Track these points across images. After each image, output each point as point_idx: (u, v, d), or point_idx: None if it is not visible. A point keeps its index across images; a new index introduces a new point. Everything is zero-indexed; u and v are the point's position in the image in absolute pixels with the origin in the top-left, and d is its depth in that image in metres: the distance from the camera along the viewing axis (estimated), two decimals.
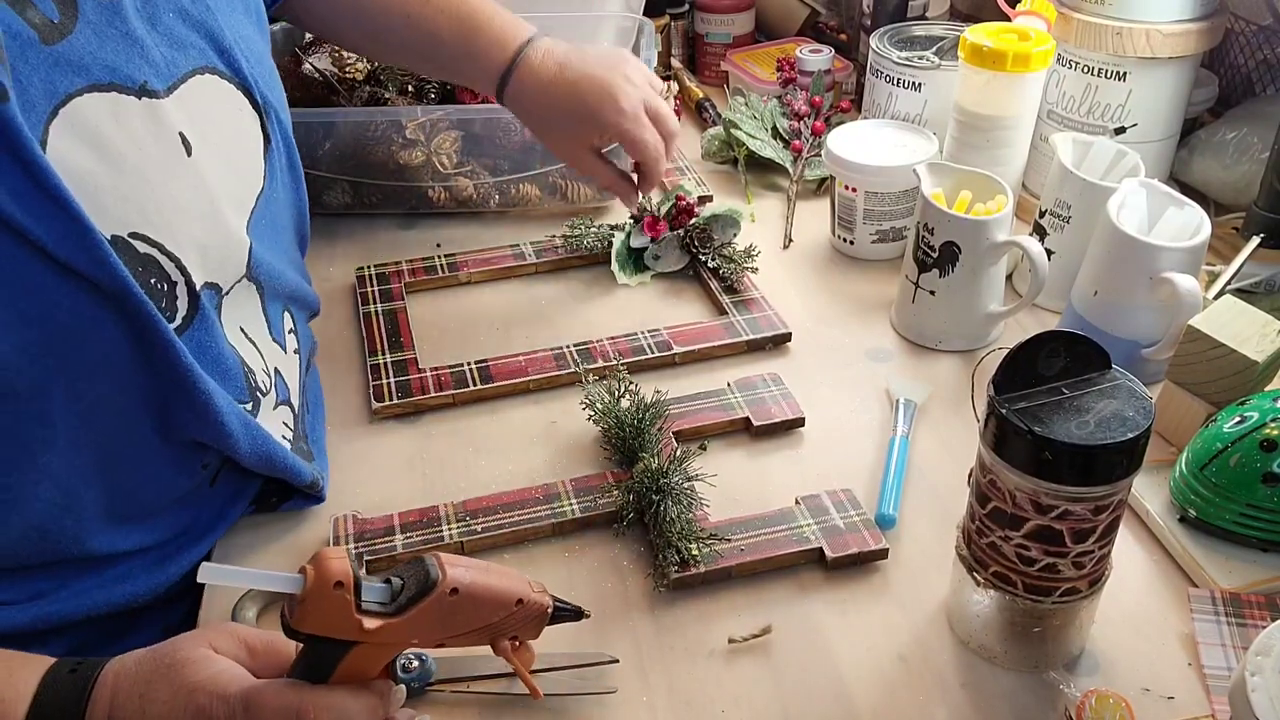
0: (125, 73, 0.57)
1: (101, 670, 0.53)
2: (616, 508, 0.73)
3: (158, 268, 0.59)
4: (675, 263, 1.01)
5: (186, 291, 0.61)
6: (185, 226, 0.61)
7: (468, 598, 0.53)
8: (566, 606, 0.58)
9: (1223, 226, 0.98)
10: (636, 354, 0.89)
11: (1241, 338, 0.74)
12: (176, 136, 0.61)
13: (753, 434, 0.82)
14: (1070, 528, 0.56)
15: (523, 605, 0.55)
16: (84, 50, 0.55)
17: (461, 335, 0.94)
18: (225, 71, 0.66)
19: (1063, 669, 0.63)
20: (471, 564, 0.54)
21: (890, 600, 0.68)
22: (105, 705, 0.52)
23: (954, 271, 0.86)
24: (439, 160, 1.07)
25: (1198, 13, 0.93)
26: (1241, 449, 0.67)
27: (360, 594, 0.51)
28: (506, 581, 0.55)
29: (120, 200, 0.56)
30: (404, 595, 0.52)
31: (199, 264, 0.62)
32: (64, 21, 0.55)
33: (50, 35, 0.54)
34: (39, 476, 0.58)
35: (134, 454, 0.63)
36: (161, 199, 0.59)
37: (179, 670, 0.52)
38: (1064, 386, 0.56)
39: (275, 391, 0.73)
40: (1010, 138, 0.96)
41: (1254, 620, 0.64)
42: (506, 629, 0.56)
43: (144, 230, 0.58)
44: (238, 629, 0.56)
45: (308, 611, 0.50)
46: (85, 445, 0.60)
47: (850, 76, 1.31)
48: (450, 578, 0.52)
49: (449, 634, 0.54)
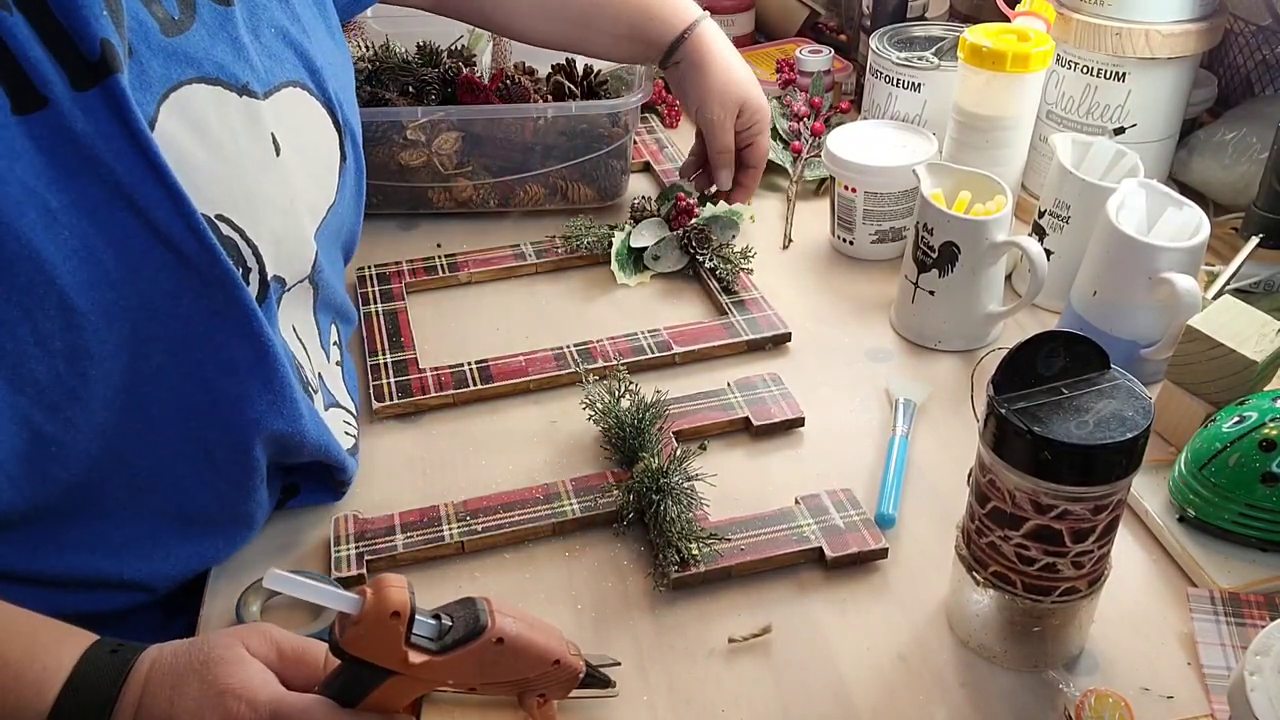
0: (231, 71, 0.63)
1: (139, 656, 0.54)
2: (616, 508, 0.73)
3: (236, 251, 0.62)
4: (675, 263, 1.01)
5: (259, 279, 0.64)
6: (266, 218, 0.64)
7: (511, 650, 0.54)
8: (596, 675, 0.59)
9: (1222, 227, 0.98)
10: (636, 354, 0.89)
11: (1240, 338, 0.74)
12: (269, 136, 0.65)
13: (753, 434, 0.82)
14: (1069, 527, 0.56)
15: (558, 666, 0.56)
16: (198, 46, 0.61)
17: (462, 335, 0.94)
18: (313, 89, 0.71)
19: (1062, 668, 0.63)
20: (519, 615, 0.55)
21: (890, 600, 0.68)
22: (137, 692, 0.53)
23: (953, 272, 0.87)
24: (439, 161, 1.07)
25: (1197, 13, 0.94)
26: (1241, 449, 0.67)
27: (411, 627, 0.51)
28: (548, 640, 0.56)
29: (213, 182, 0.60)
30: (451, 635, 0.53)
31: (272, 256, 0.65)
32: (183, 19, 0.61)
33: (170, 29, 0.60)
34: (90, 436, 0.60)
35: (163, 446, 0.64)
36: (250, 188, 0.63)
37: (211, 669, 0.53)
38: (1063, 386, 0.56)
39: (322, 395, 0.75)
40: (1009, 138, 0.96)
41: (1253, 620, 0.64)
42: (538, 686, 0.56)
43: (230, 215, 0.61)
44: (271, 631, 0.56)
45: (359, 635, 0.50)
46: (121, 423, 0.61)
47: (850, 77, 1.31)
48: (498, 626, 0.53)
49: (484, 680, 0.54)
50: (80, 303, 0.55)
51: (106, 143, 0.54)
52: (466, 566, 0.71)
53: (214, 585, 0.71)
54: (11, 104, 0.52)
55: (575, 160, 1.09)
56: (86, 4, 0.53)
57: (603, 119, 1.07)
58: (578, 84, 1.14)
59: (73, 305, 0.55)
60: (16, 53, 0.51)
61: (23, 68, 0.52)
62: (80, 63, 0.53)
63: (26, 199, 0.52)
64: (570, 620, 0.67)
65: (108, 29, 0.54)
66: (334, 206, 0.75)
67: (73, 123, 0.53)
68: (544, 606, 0.68)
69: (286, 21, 0.70)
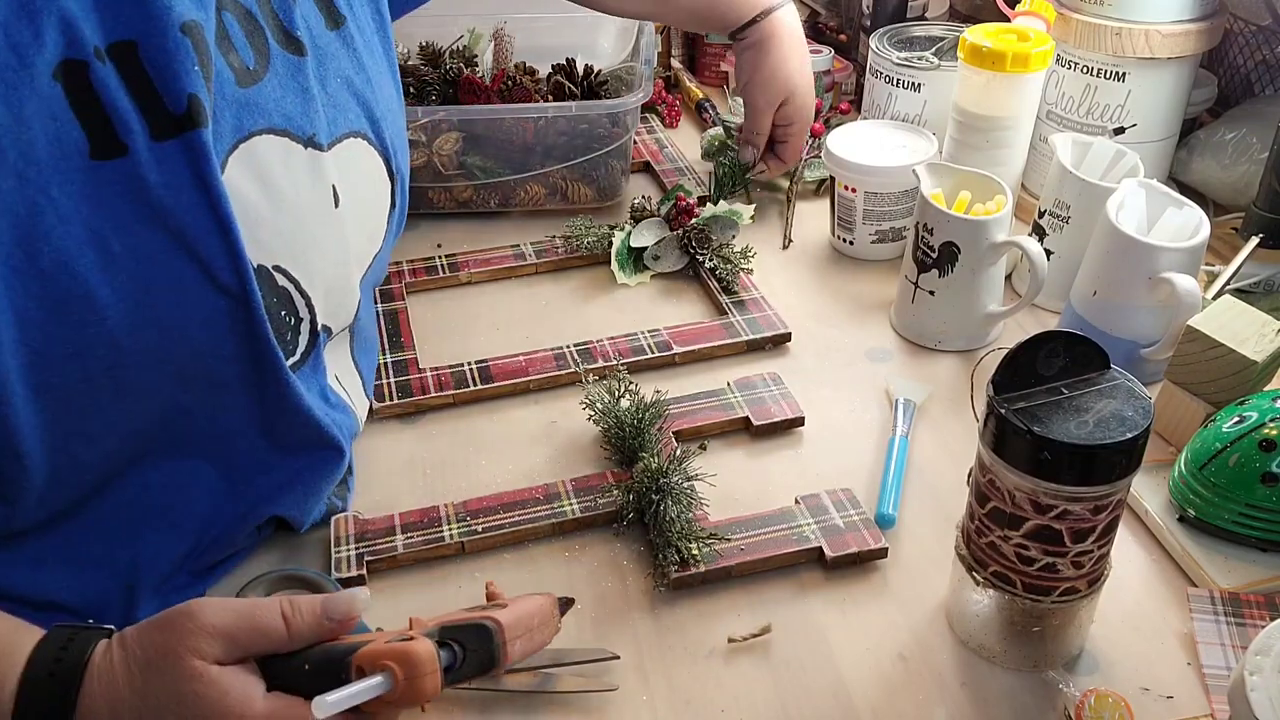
0: (299, 124, 0.63)
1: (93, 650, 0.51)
2: (616, 508, 0.73)
3: (289, 302, 0.63)
4: (675, 263, 1.01)
5: (309, 329, 0.66)
6: (321, 269, 0.65)
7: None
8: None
9: (1222, 227, 0.98)
10: (636, 354, 0.89)
11: (1240, 338, 0.74)
12: (329, 188, 0.65)
13: (752, 434, 0.82)
14: (1069, 527, 0.56)
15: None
16: (269, 97, 0.61)
17: (462, 335, 0.94)
18: (373, 139, 0.71)
19: (1062, 668, 0.63)
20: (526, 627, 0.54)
21: (890, 600, 0.68)
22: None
23: (953, 271, 0.87)
24: (440, 161, 1.07)
25: (1197, 13, 0.94)
26: (1240, 449, 0.67)
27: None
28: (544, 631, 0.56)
29: (275, 234, 0.61)
30: (464, 670, 0.52)
31: (322, 306, 0.66)
32: (257, 70, 0.61)
33: (245, 79, 0.60)
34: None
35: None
36: (307, 240, 0.64)
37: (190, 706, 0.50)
38: (1063, 386, 0.56)
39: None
40: (1009, 138, 0.96)
41: (1253, 620, 0.64)
42: None
43: (286, 266, 0.62)
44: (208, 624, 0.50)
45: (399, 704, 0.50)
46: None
47: (850, 77, 1.31)
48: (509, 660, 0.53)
49: None
50: (128, 343, 0.55)
51: (178, 194, 0.55)
52: (466, 567, 0.71)
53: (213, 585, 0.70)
54: (91, 149, 0.52)
55: (575, 160, 1.09)
56: (180, 60, 0.54)
57: (603, 119, 1.07)
58: (578, 84, 1.14)
59: (120, 345, 0.55)
60: (105, 102, 0.52)
61: (108, 116, 0.52)
62: (164, 115, 0.54)
63: (89, 241, 0.53)
64: (570, 620, 0.67)
65: (197, 84, 0.55)
66: (380, 253, 0.76)
67: (148, 172, 0.54)
68: None
69: (352, 71, 0.70)
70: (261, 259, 0.60)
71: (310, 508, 0.71)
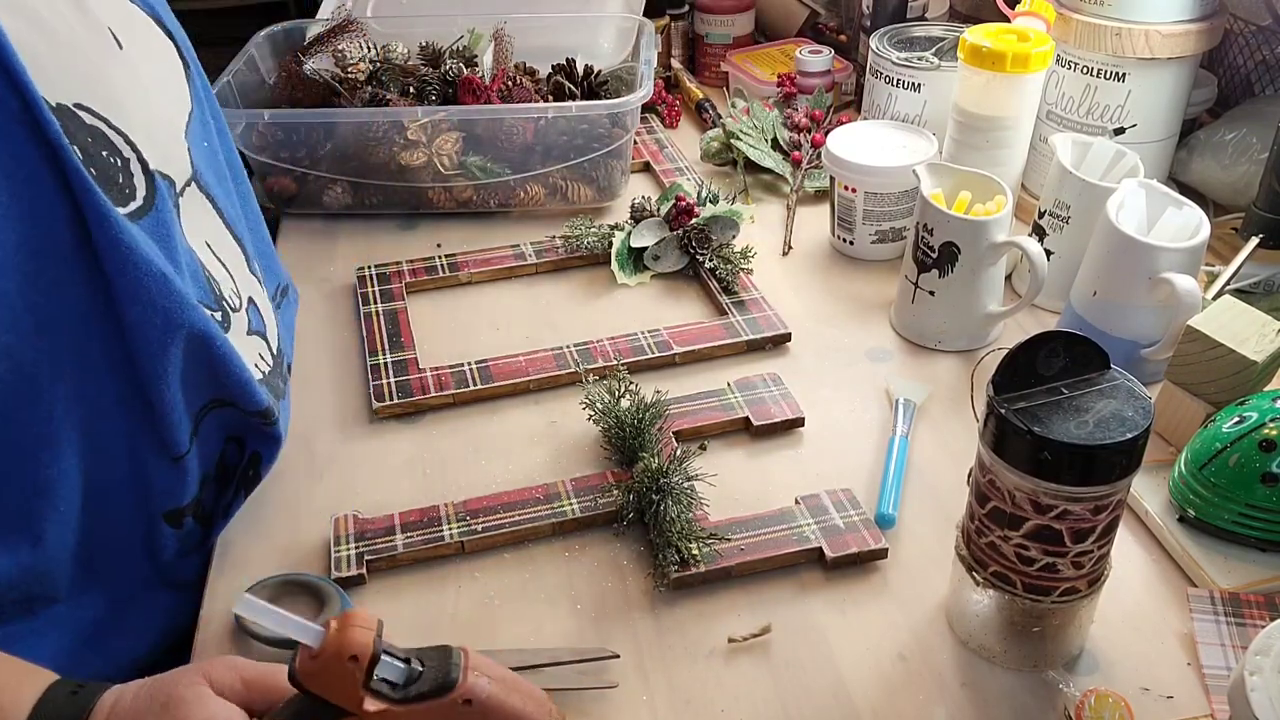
0: None
1: (100, 698, 0.53)
2: (616, 508, 0.73)
3: (106, 141, 0.59)
4: (675, 263, 1.01)
5: (142, 170, 0.61)
6: (128, 108, 0.61)
7: (479, 713, 0.50)
8: None
9: (1222, 227, 0.98)
10: (636, 354, 0.89)
11: (1240, 338, 0.74)
12: (106, 29, 0.61)
13: (752, 434, 0.82)
14: (1069, 527, 0.56)
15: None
16: None
17: (462, 335, 0.94)
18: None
19: (1062, 668, 0.63)
20: (501, 676, 0.52)
21: (890, 600, 0.68)
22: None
23: (953, 272, 0.87)
24: (440, 161, 1.07)
25: (1197, 13, 0.93)
26: (1240, 449, 0.67)
27: (373, 670, 0.49)
28: (527, 706, 0.52)
29: (60, 70, 0.57)
30: (416, 686, 0.50)
31: (147, 143, 0.62)
32: None
33: None
34: None
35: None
36: (98, 76, 0.59)
37: (174, 710, 0.51)
38: (1063, 386, 0.56)
39: (249, 318, 0.71)
40: (1009, 138, 0.96)
41: (1253, 620, 0.64)
42: None
43: (88, 102, 0.58)
44: (235, 661, 0.54)
45: (315, 670, 0.48)
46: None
47: (850, 77, 1.31)
48: (468, 686, 0.50)
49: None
50: None
51: None
52: (466, 566, 0.71)
53: (213, 585, 0.71)
54: None
55: (575, 160, 1.09)
56: None
57: (603, 119, 1.07)
58: (578, 84, 1.14)
59: None
60: None
61: None
62: None
63: None
64: (570, 620, 0.67)
65: None
66: (194, 115, 0.71)
67: None
68: (544, 606, 0.68)
69: None
70: (58, 97, 0.56)
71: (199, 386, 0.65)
